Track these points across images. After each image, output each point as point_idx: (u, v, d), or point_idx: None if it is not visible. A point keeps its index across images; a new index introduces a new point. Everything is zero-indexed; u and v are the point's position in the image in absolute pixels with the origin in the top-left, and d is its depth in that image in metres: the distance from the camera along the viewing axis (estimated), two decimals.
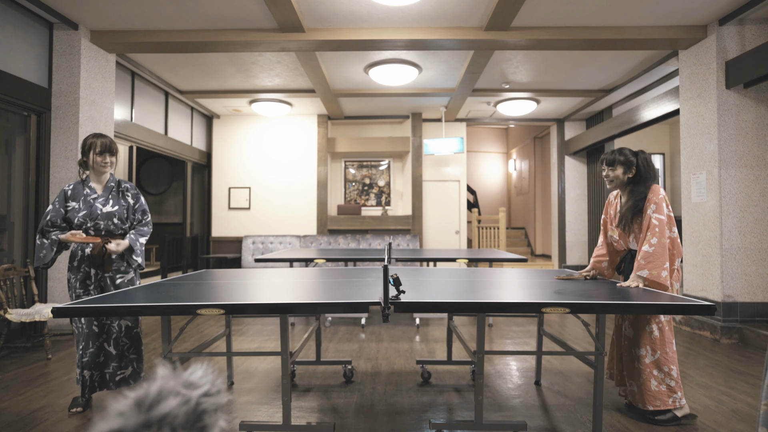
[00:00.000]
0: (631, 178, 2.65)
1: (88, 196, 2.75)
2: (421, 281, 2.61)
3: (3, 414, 2.62)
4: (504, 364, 3.58)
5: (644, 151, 2.69)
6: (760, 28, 4.34)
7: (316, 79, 5.93)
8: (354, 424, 2.49)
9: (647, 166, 2.64)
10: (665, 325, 2.50)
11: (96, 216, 2.72)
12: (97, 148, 2.74)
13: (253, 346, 4.12)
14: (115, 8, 4.16)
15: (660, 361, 2.46)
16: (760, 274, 4.34)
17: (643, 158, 2.65)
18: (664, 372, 2.45)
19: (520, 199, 11.72)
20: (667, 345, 2.48)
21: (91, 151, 2.74)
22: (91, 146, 2.74)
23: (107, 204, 2.77)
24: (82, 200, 2.73)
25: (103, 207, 2.75)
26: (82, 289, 2.73)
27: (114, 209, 2.78)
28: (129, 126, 5.67)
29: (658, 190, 2.56)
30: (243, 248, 7.84)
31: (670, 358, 2.47)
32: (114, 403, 0.50)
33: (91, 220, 2.72)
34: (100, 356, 2.71)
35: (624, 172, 2.64)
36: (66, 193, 2.74)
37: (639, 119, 6.05)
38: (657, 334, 2.48)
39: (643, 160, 2.64)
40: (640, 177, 2.62)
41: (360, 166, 8.63)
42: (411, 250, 5.40)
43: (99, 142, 2.74)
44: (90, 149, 2.74)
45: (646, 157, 2.66)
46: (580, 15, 4.31)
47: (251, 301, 2.02)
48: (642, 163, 2.63)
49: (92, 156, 2.74)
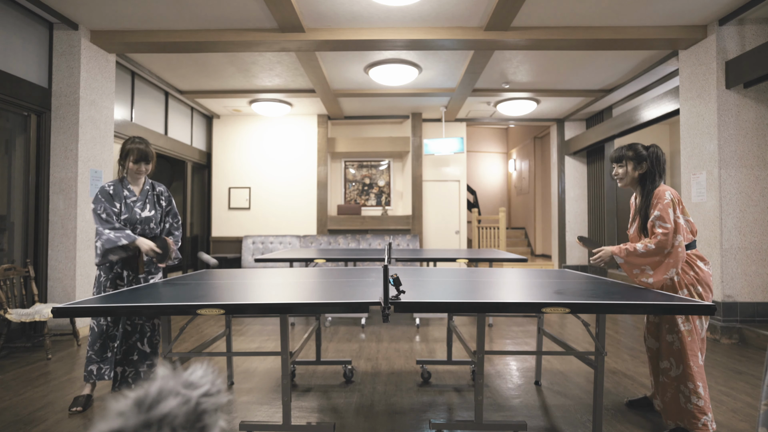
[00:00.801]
0: (642, 174, 2.45)
1: (127, 199, 2.77)
2: (421, 281, 2.61)
3: (3, 414, 2.62)
4: (504, 364, 3.58)
5: (656, 145, 2.48)
6: (760, 28, 4.34)
7: (316, 79, 5.93)
8: (354, 424, 2.49)
9: (655, 161, 2.43)
10: (686, 336, 2.27)
11: (135, 220, 2.78)
12: (134, 156, 2.76)
13: (253, 346, 4.12)
14: (115, 8, 4.16)
15: (683, 376, 2.25)
16: (760, 274, 4.34)
17: (653, 152, 2.44)
18: (690, 389, 2.23)
19: (520, 199, 11.72)
20: (690, 358, 2.25)
21: (128, 159, 2.77)
22: (128, 153, 2.76)
23: (145, 209, 2.83)
24: (123, 203, 2.75)
25: (141, 211, 2.81)
26: (113, 288, 2.77)
27: (151, 214, 2.85)
28: (129, 126, 5.67)
29: (662, 193, 2.33)
30: (243, 248, 7.84)
31: (695, 373, 2.24)
32: (114, 403, 0.50)
33: (131, 224, 2.77)
34: (134, 354, 2.77)
35: (634, 168, 2.45)
36: (108, 192, 2.73)
37: (639, 119, 6.05)
38: (678, 345, 2.29)
39: (653, 155, 2.43)
40: (651, 174, 2.42)
41: (360, 166, 8.63)
42: (411, 250, 5.40)
43: (136, 150, 2.76)
44: (127, 156, 2.77)
45: (656, 151, 2.44)
46: (580, 15, 4.31)
47: (251, 301, 2.01)
48: (652, 158, 2.43)
49: (128, 163, 2.77)
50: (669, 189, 2.35)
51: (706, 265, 2.39)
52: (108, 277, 2.76)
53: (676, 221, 2.25)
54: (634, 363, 3.63)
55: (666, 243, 2.23)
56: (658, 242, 2.24)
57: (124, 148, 2.78)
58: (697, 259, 2.38)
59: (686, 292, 2.33)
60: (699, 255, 2.39)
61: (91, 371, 2.74)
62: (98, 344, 2.74)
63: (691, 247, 2.38)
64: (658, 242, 2.24)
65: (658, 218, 2.28)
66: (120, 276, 2.79)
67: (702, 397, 2.22)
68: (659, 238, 2.24)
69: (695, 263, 2.36)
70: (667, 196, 2.30)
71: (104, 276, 2.76)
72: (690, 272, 2.35)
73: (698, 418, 2.21)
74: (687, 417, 2.24)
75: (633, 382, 3.17)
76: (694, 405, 2.22)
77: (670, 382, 2.31)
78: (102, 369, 2.75)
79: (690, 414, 2.23)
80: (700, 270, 2.35)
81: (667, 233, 2.23)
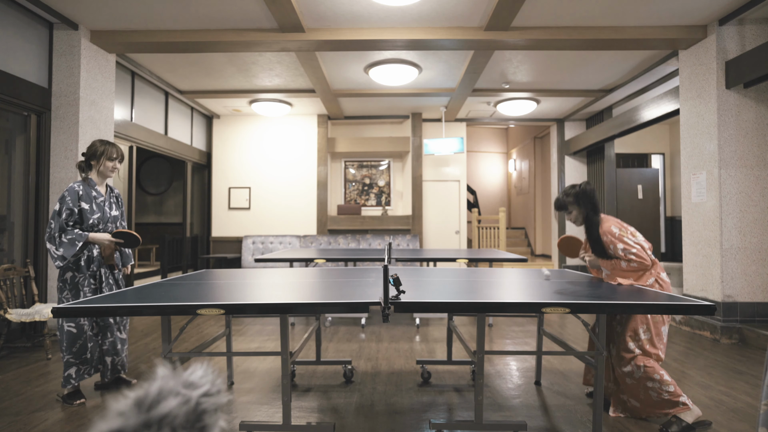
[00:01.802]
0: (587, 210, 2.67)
1: (96, 199, 2.84)
2: (421, 281, 2.61)
3: (3, 414, 2.62)
4: (504, 364, 3.58)
5: (588, 182, 2.69)
6: (760, 28, 4.34)
7: (316, 79, 5.93)
8: (354, 424, 2.49)
9: (584, 198, 2.64)
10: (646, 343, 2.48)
11: (107, 219, 2.88)
12: (112, 155, 2.86)
13: (253, 346, 4.12)
14: (115, 8, 4.16)
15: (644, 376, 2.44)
16: (760, 274, 4.34)
17: (580, 190, 2.65)
18: (656, 381, 2.42)
19: (520, 199, 11.72)
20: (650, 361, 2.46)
21: (104, 157, 2.85)
22: (103, 153, 2.85)
23: (112, 208, 2.95)
24: (93, 202, 2.82)
25: (110, 210, 2.92)
26: (89, 288, 2.83)
27: (117, 213, 2.98)
28: (129, 126, 5.67)
29: (609, 229, 2.57)
30: (243, 248, 7.84)
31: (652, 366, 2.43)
32: (114, 403, 0.50)
33: (103, 222, 2.86)
34: (117, 343, 2.90)
35: (579, 209, 2.67)
36: (78, 192, 2.79)
37: (639, 119, 6.05)
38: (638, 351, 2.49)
39: (581, 192, 2.65)
40: (588, 208, 2.65)
41: (360, 166, 8.63)
42: (411, 250, 5.40)
43: (115, 151, 2.88)
44: (102, 155, 2.85)
45: (584, 188, 2.65)
46: (580, 15, 4.31)
47: (251, 301, 2.02)
48: (580, 196, 2.65)
49: (104, 161, 2.85)
50: (609, 221, 2.62)
51: (668, 276, 2.63)
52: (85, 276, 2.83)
53: (637, 243, 2.54)
54: None
55: (644, 261, 2.52)
56: (640, 261, 2.53)
57: (98, 149, 2.85)
58: (661, 271, 2.62)
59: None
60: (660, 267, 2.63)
61: (69, 376, 2.74)
62: (77, 345, 2.75)
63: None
64: (640, 262, 2.53)
65: (623, 250, 2.54)
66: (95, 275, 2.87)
67: (669, 383, 2.41)
68: (637, 260, 2.52)
69: (659, 275, 2.60)
70: (614, 231, 2.57)
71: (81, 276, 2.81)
72: (656, 286, 2.57)
73: (675, 402, 2.40)
74: (666, 406, 2.43)
75: None
76: (668, 393, 2.40)
77: (636, 383, 2.48)
78: (81, 370, 2.76)
79: (668, 403, 2.41)
80: (663, 281, 2.58)
81: (640, 254, 2.51)
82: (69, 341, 2.74)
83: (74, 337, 2.75)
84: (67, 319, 2.73)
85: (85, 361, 2.78)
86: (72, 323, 2.75)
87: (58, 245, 2.70)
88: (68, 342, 2.74)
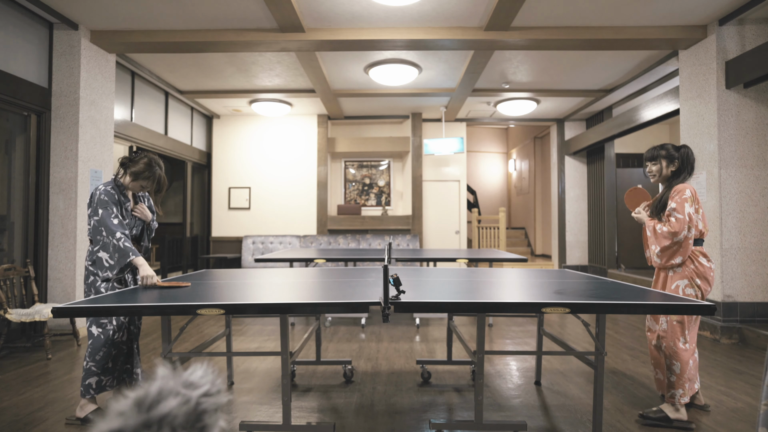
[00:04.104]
0: (674, 172, 2.68)
1: (124, 204, 2.70)
2: (421, 281, 2.61)
3: (3, 414, 2.62)
4: (504, 364, 3.58)
5: (687, 145, 2.72)
6: (760, 28, 4.34)
7: (316, 79, 5.93)
8: (354, 424, 2.49)
9: (685, 161, 2.67)
10: (672, 320, 2.55)
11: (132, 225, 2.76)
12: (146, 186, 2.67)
13: (253, 346, 4.12)
14: (115, 8, 4.16)
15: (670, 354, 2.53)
16: (760, 274, 4.34)
17: (683, 153, 2.68)
18: (671, 364, 2.52)
19: (520, 199, 11.72)
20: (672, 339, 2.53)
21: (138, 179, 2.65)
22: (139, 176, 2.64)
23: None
24: (123, 209, 2.69)
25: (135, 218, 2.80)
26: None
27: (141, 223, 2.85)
28: (129, 126, 5.67)
29: (684, 188, 2.57)
30: (243, 248, 7.84)
31: (679, 351, 2.51)
32: (114, 403, 0.50)
33: (130, 228, 2.73)
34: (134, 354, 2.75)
35: (667, 166, 2.69)
36: (115, 196, 2.63)
37: (639, 119, 6.05)
38: (665, 326, 2.56)
39: (684, 155, 2.68)
40: (680, 172, 2.67)
41: (360, 166, 8.63)
42: (411, 250, 5.40)
43: (150, 184, 2.67)
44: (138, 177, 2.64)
45: (686, 152, 2.69)
46: (580, 15, 4.31)
47: (251, 301, 2.01)
48: (683, 157, 2.68)
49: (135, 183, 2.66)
50: (690, 187, 2.58)
51: (708, 261, 2.59)
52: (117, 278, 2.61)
53: (690, 215, 2.50)
54: (634, 363, 3.63)
55: (678, 230, 2.49)
56: (671, 227, 2.51)
57: (141, 170, 2.63)
58: (699, 255, 2.58)
59: (686, 282, 2.57)
60: (702, 252, 2.60)
61: (90, 385, 2.50)
62: (101, 353, 2.52)
63: (698, 243, 2.61)
64: (671, 228, 2.50)
65: (673, 209, 2.52)
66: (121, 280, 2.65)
67: (675, 374, 2.49)
68: (672, 224, 2.50)
69: (697, 258, 2.57)
70: (687, 192, 2.54)
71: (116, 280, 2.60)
72: (690, 265, 2.57)
73: (668, 391, 2.51)
74: (667, 389, 2.54)
75: (633, 382, 3.17)
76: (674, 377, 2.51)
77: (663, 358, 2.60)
78: (102, 381, 2.53)
79: (669, 385, 2.52)
80: (700, 264, 2.57)
81: (680, 222, 2.48)
82: (94, 347, 2.53)
83: (99, 343, 2.52)
84: (96, 323, 2.54)
85: (106, 371, 2.55)
86: (100, 328, 2.54)
87: (113, 252, 2.49)
88: (93, 347, 2.53)
